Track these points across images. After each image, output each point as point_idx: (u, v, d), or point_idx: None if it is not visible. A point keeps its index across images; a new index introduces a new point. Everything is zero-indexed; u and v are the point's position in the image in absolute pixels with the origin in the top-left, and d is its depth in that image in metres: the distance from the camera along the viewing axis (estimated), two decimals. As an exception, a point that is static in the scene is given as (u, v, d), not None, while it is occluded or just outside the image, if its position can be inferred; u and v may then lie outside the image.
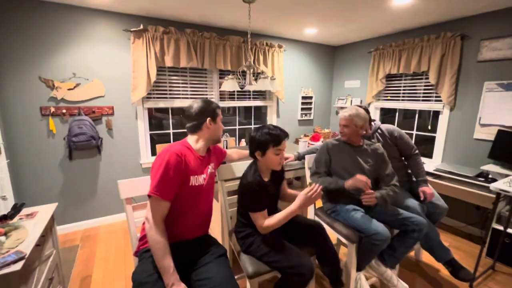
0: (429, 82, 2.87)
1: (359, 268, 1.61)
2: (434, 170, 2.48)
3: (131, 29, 2.52)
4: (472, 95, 2.55)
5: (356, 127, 1.68)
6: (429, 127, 3.04)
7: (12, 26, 2.14)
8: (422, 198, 1.80)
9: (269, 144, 1.26)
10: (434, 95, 2.89)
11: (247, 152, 1.45)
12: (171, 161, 1.07)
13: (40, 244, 1.37)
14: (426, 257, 2.14)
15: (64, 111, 2.38)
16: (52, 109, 2.34)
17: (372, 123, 1.96)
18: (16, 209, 1.49)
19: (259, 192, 1.26)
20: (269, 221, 1.26)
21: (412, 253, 2.23)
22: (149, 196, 1.05)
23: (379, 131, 1.95)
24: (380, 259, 1.68)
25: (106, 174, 2.68)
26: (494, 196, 1.78)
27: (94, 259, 2.18)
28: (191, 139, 1.24)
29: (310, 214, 1.90)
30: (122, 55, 2.58)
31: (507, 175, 2.12)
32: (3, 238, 1.22)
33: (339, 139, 1.80)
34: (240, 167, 1.62)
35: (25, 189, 2.34)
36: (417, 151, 1.93)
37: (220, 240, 1.67)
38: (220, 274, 1.07)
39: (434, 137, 2.91)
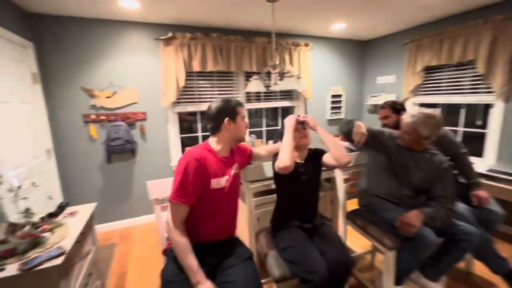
0: (476, 72, 2.57)
1: (398, 283, 1.45)
2: (487, 171, 2.20)
3: (161, 38, 2.64)
4: (532, 84, 2.22)
5: (420, 137, 1.42)
6: (479, 123, 2.70)
7: (58, 41, 2.37)
8: (475, 204, 1.59)
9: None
10: (484, 86, 2.57)
11: (278, 146, 1.38)
12: (190, 166, 1.08)
13: (80, 241, 1.47)
14: (479, 269, 1.88)
15: (103, 117, 2.57)
16: (93, 116, 2.54)
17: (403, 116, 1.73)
18: (61, 208, 1.62)
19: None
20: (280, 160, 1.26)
21: (462, 264, 1.98)
22: (169, 200, 1.07)
23: None
24: (421, 271, 1.50)
25: (140, 176, 2.82)
26: None
27: (129, 257, 2.29)
28: (212, 141, 1.23)
29: (342, 217, 1.78)
30: (153, 62, 2.72)
31: None
32: (48, 234, 1.32)
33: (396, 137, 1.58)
34: (268, 168, 1.57)
35: (70, 189, 2.56)
36: (465, 151, 1.70)
37: (247, 243, 1.65)
38: (246, 277, 1.05)
39: (484, 133, 2.58)
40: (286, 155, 1.23)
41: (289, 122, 1.35)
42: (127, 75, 2.63)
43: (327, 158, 1.39)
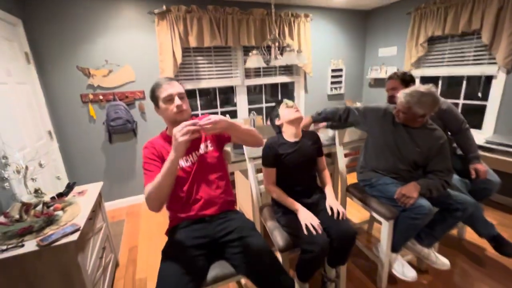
0: (480, 43, 2.51)
1: (394, 250, 1.55)
2: (485, 143, 2.24)
3: (155, 11, 2.52)
4: (536, 54, 2.18)
5: (414, 116, 1.41)
6: (480, 95, 2.70)
7: (48, 19, 2.26)
8: (473, 176, 1.64)
9: (276, 109, 1.51)
10: (487, 57, 2.53)
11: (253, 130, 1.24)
12: (144, 155, 1.18)
13: (92, 218, 1.54)
14: (470, 235, 2.00)
15: (101, 97, 2.54)
16: (91, 96, 2.50)
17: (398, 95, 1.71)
18: (69, 188, 1.67)
19: (268, 148, 1.43)
20: (272, 189, 1.45)
21: (454, 231, 2.09)
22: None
23: None
24: (416, 238, 1.59)
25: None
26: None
27: (138, 232, 2.40)
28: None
29: (342, 189, 1.85)
30: (149, 39, 2.62)
31: None
32: (60, 212, 1.38)
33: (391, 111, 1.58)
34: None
35: (75, 170, 2.60)
36: (467, 126, 1.72)
37: (250, 216, 1.72)
38: (258, 245, 1.09)
39: (485, 106, 2.59)
40: (277, 198, 1.43)
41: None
42: (122, 53, 2.55)
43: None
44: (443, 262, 1.53)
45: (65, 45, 2.35)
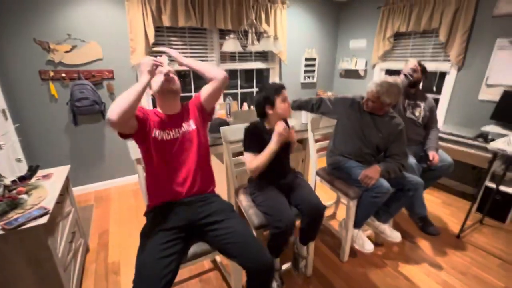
0: (438, 41, 2.75)
1: (357, 226, 1.72)
2: (435, 132, 2.51)
3: (124, -16, 2.35)
4: (482, 54, 2.47)
5: (382, 104, 1.57)
6: (434, 89, 2.99)
7: (-2, -19, 2.00)
8: (431, 158, 1.89)
9: (274, 95, 1.40)
10: (443, 54, 2.79)
11: (219, 73, 1.25)
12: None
13: (60, 202, 1.47)
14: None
15: (63, 75, 2.34)
16: (51, 73, 2.30)
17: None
18: (32, 171, 1.57)
19: (251, 132, 1.44)
20: (253, 162, 1.39)
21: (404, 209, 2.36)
22: None
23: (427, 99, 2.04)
24: (374, 215, 1.79)
25: (112, 138, 2.73)
26: (490, 156, 1.84)
27: (109, 217, 2.34)
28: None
29: (312, 173, 1.98)
30: (117, 15, 2.45)
31: (507, 135, 2.15)
32: (25, 196, 1.30)
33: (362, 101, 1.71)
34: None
35: (35, 153, 2.42)
36: (438, 127, 2.10)
37: (225, 198, 1.78)
38: (239, 225, 1.15)
39: (438, 99, 2.88)
40: (262, 164, 1.37)
41: (275, 134, 1.37)
42: (88, 28, 2.36)
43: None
44: (396, 235, 1.75)
45: (21, 15, 2.11)
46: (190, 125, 1.27)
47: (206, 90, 1.30)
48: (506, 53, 2.30)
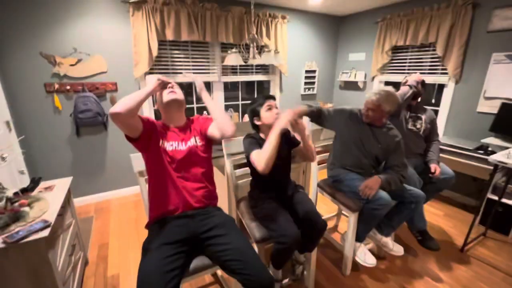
0: (436, 54, 2.81)
1: (358, 239, 1.71)
2: (435, 144, 2.52)
3: (130, 0, 2.42)
4: (479, 68, 2.51)
5: (382, 113, 1.60)
6: (433, 101, 3.03)
7: (12, 1, 2.07)
8: (433, 170, 1.89)
9: (257, 107, 1.45)
10: (441, 67, 2.84)
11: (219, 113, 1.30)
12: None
13: (61, 214, 1.47)
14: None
15: (68, 87, 2.38)
16: (56, 86, 2.34)
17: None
18: (35, 183, 1.57)
19: (249, 137, 1.45)
20: (260, 159, 1.25)
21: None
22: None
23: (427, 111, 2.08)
24: (376, 228, 1.78)
25: (113, 149, 2.75)
26: (491, 168, 1.84)
27: (109, 229, 2.32)
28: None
29: (313, 185, 1.98)
30: (122, 29, 2.52)
31: (506, 148, 2.16)
32: (27, 208, 1.31)
33: (357, 112, 1.75)
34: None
35: (38, 164, 2.43)
36: (439, 138, 2.11)
37: (226, 210, 1.78)
38: (239, 240, 1.14)
39: (437, 111, 2.91)
40: (271, 150, 1.22)
41: (281, 121, 1.28)
42: (93, 42, 2.42)
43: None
44: (398, 249, 1.74)
45: (28, 29, 2.17)
46: (195, 140, 1.31)
47: (212, 132, 1.31)
48: (503, 67, 2.35)
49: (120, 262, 1.91)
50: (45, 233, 1.14)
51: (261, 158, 1.24)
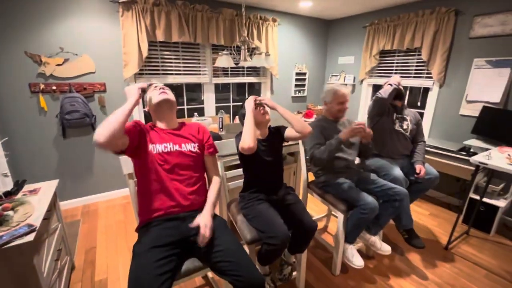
0: (421, 59, 2.91)
1: (348, 240, 1.74)
2: (421, 145, 2.60)
3: (119, 0, 2.39)
4: (461, 72, 2.62)
5: (345, 105, 1.80)
6: (419, 104, 3.13)
7: (-9, -5, 2.01)
8: (418, 171, 1.94)
9: (245, 108, 1.46)
10: (426, 72, 2.94)
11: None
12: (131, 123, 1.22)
13: (47, 218, 1.43)
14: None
15: (54, 87, 2.33)
16: (42, 86, 2.28)
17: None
18: (19, 186, 1.53)
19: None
20: (243, 140, 1.31)
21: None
22: None
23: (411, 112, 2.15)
24: (365, 228, 1.82)
25: (101, 152, 2.69)
26: (473, 168, 1.92)
27: (96, 232, 2.27)
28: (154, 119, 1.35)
29: (303, 186, 2.01)
30: (112, 29, 2.48)
31: (487, 149, 2.26)
32: (11, 212, 1.27)
33: (320, 118, 1.86)
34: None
35: (22, 166, 2.35)
36: (425, 140, 2.16)
37: (217, 212, 1.77)
38: (232, 243, 1.14)
39: (423, 113, 3.00)
40: (249, 136, 1.29)
41: (249, 104, 1.41)
42: (81, 41, 2.37)
43: (290, 132, 1.49)
44: (386, 248, 1.78)
45: (12, 27, 2.10)
46: (191, 146, 1.30)
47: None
48: (483, 72, 2.45)
49: (108, 266, 1.87)
50: (30, 237, 1.11)
51: (243, 136, 1.32)
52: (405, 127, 2.06)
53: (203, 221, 1.15)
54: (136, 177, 1.27)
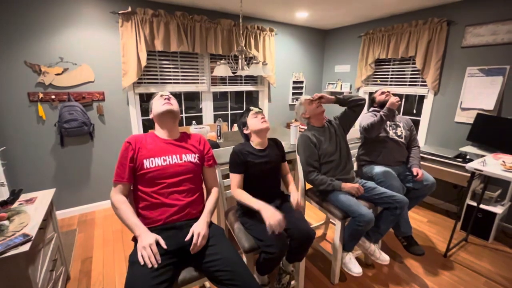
0: (415, 67, 2.96)
1: (346, 249, 1.74)
2: (417, 152, 2.63)
3: (119, 12, 2.44)
4: (455, 80, 2.67)
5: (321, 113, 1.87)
6: (415, 111, 3.17)
7: (-8, 7, 2.04)
8: (415, 173, 1.95)
9: (244, 117, 1.54)
10: (420, 80, 2.99)
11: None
12: (122, 149, 1.23)
13: (43, 227, 1.42)
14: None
15: (53, 97, 2.34)
16: (41, 95, 2.29)
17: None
18: (15, 195, 1.52)
19: (237, 153, 1.47)
20: (238, 192, 1.44)
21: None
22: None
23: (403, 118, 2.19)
24: (365, 236, 1.82)
25: (99, 160, 2.69)
26: (469, 175, 1.93)
27: (93, 242, 2.24)
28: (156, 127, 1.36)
29: (301, 193, 2.00)
30: (111, 39, 2.52)
31: (483, 156, 2.28)
32: (6, 222, 1.26)
33: (307, 129, 1.89)
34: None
35: (19, 176, 2.34)
36: (419, 145, 2.18)
37: (215, 220, 1.77)
38: (228, 251, 1.14)
39: (419, 120, 3.04)
40: (241, 202, 1.42)
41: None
42: (81, 51, 2.40)
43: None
44: (384, 258, 1.77)
45: (12, 37, 2.13)
46: (192, 157, 1.31)
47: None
48: (476, 80, 2.50)
49: (104, 276, 1.85)
50: (26, 247, 1.10)
51: (237, 194, 1.43)
52: (399, 133, 2.09)
53: (197, 229, 1.15)
54: (133, 187, 1.27)
